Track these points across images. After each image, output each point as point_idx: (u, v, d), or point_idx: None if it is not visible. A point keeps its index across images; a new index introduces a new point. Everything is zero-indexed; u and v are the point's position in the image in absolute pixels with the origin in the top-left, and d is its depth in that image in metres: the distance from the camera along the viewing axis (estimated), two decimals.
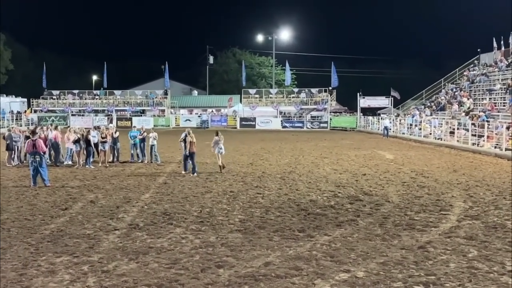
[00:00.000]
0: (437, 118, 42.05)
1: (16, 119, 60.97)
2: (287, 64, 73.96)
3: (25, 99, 72.95)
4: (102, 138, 23.05)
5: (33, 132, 18.50)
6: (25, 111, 67.18)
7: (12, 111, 65.42)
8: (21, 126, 46.85)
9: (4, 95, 72.48)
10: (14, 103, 70.44)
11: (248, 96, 69.23)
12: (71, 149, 23.25)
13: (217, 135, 21.13)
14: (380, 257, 9.14)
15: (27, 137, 23.77)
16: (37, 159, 17.19)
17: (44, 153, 18.02)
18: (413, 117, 46.33)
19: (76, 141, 22.66)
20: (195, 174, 19.94)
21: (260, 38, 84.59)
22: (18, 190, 16.32)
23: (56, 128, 24.67)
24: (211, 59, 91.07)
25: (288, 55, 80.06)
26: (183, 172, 20.41)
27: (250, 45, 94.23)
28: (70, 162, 23.31)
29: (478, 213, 12.95)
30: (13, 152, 23.32)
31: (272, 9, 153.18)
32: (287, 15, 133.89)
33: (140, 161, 24.24)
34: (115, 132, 24.40)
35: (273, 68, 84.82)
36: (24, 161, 23.77)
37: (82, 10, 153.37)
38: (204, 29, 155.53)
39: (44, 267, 8.57)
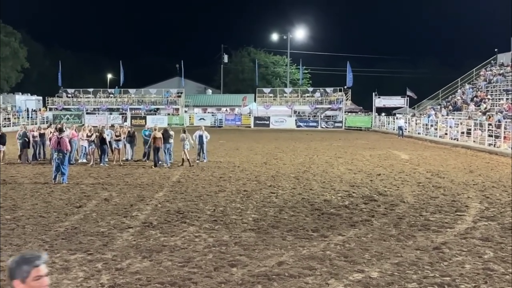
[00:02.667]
0: (453, 118, 41.75)
1: (31, 117, 61.44)
2: (301, 63, 73.87)
3: (41, 97, 73.47)
4: (117, 136, 23.13)
5: (60, 130, 18.60)
6: (40, 109, 67.68)
7: (27, 109, 65.92)
8: (36, 124, 47.14)
9: (20, 93, 73.12)
10: (29, 101, 70.97)
11: (263, 95, 69.12)
12: (85, 147, 23.36)
13: (184, 132, 22.71)
14: (395, 257, 9.08)
15: (41, 135, 24.01)
16: (60, 156, 17.36)
17: (68, 151, 18.17)
18: (429, 117, 46.01)
19: (90, 140, 22.79)
20: (160, 165, 21.98)
21: (275, 37, 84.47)
22: (33, 188, 16.42)
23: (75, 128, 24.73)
24: (225, 58, 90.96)
25: (303, 54, 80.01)
26: (153, 167, 21.81)
27: (265, 44, 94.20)
28: (84, 160, 23.41)
29: (494, 214, 12.82)
30: (27, 150, 23.46)
31: (287, 8, 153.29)
32: (302, 14, 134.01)
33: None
34: (134, 133, 24.34)
35: (287, 67, 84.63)
36: (39, 159, 23.98)
37: (97, 8, 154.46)
38: (219, 28, 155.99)
39: (59, 264, 8.61)
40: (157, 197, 14.89)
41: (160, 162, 22.32)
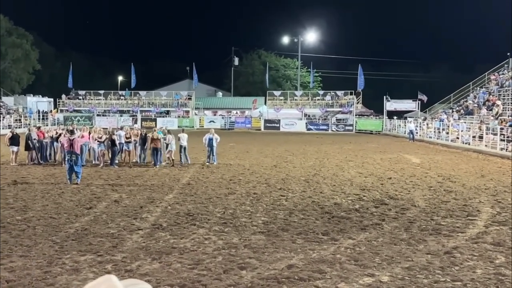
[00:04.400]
0: (465, 122, 41.50)
1: (43, 119, 61.77)
2: (311, 66, 73.82)
3: (52, 99, 73.87)
4: (127, 138, 23.17)
5: (71, 132, 18.69)
6: (51, 111, 68.05)
7: (38, 110, 66.30)
8: (47, 125, 47.43)
9: (31, 95, 73.58)
10: (41, 102, 71.38)
11: (273, 98, 69.06)
12: (94, 148, 23.45)
13: (169, 133, 23.92)
14: (405, 261, 9.02)
15: (51, 137, 24.09)
16: (73, 158, 17.47)
17: (81, 152, 18.31)
18: (440, 121, 45.79)
19: (100, 141, 22.88)
20: (158, 165, 22.75)
21: (286, 40, 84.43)
22: (43, 189, 16.49)
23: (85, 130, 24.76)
24: (236, 61, 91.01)
25: (314, 57, 79.93)
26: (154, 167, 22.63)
27: (276, 46, 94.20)
28: (97, 162, 23.47)
29: (506, 219, 12.71)
30: (33, 151, 23.60)
31: (298, 11, 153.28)
32: (314, 16, 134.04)
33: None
34: (146, 135, 24.30)
35: (298, 70, 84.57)
36: (50, 160, 24.07)
37: (108, 11, 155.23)
38: (229, 31, 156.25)
39: (69, 265, 8.63)
40: (167, 199, 14.90)
41: (159, 163, 22.99)
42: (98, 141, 22.98)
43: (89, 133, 23.98)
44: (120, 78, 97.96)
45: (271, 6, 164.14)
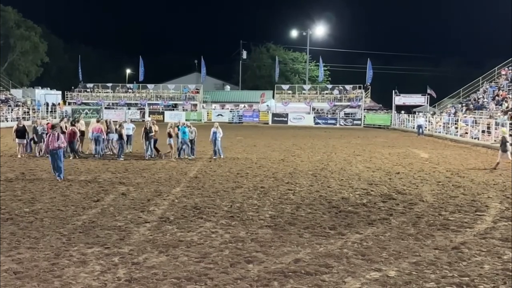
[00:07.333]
0: (474, 117, 41.27)
1: (51, 111, 61.95)
2: (320, 60, 73.56)
3: (60, 92, 74.08)
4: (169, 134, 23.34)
5: (53, 126, 18.75)
6: (59, 103, 68.23)
7: (47, 103, 66.46)
8: (55, 118, 47.61)
9: (40, 87, 73.81)
10: (49, 95, 71.59)
11: (281, 92, 69.01)
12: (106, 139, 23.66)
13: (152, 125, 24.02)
14: (413, 256, 8.98)
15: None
16: (54, 152, 17.44)
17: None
18: (449, 115, 45.57)
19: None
20: (163, 157, 23.42)
21: (294, 33, 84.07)
22: (51, 181, 16.54)
23: (98, 121, 24.79)
24: (244, 54, 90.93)
25: (323, 51, 79.66)
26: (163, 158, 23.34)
27: (284, 40, 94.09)
28: (106, 150, 23.88)
29: None
30: (37, 143, 23.75)
31: (307, 4, 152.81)
32: (323, 10, 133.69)
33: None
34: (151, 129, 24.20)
35: (306, 64, 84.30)
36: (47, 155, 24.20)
37: (117, 3, 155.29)
38: (238, 24, 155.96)
39: (76, 258, 8.65)
40: (174, 192, 14.91)
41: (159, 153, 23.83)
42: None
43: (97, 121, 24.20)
44: (128, 71, 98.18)
45: None
